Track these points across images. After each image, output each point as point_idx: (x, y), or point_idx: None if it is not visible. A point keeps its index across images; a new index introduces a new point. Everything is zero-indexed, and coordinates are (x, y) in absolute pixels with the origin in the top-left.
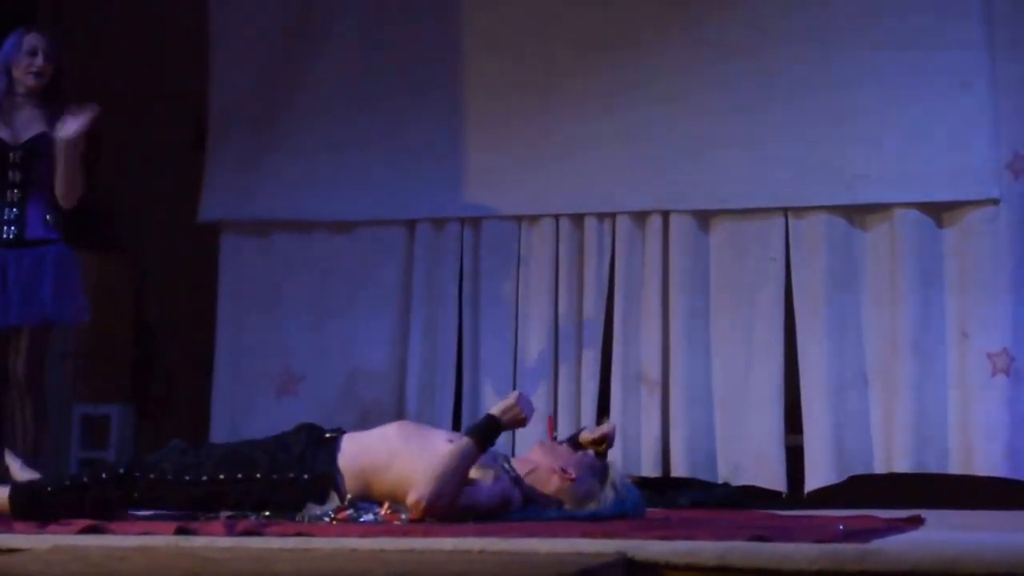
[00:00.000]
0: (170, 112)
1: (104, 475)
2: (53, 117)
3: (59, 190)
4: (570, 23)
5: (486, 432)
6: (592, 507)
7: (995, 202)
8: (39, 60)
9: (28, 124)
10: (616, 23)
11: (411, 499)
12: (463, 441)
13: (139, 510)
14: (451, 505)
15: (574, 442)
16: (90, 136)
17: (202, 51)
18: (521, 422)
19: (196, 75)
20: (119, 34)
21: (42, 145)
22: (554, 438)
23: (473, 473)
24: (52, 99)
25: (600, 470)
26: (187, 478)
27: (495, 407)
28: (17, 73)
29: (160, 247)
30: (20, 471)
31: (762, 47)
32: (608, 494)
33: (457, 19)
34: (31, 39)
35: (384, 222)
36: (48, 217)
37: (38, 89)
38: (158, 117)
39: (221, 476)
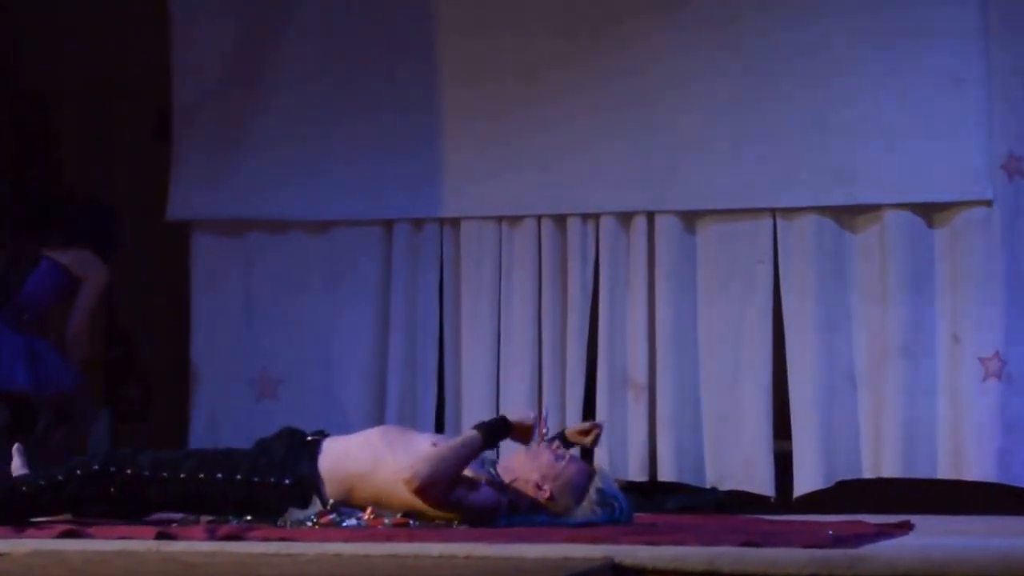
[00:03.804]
0: (131, 104)
1: (79, 471)
2: None
3: None
4: (550, 15)
5: (495, 431)
6: (567, 519)
7: (988, 203)
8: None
9: None
10: (599, 17)
11: (406, 475)
12: (469, 434)
13: (117, 506)
14: (443, 493)
15: (562, 439)
16: None
17: (162, 39)
18: (526, 440)
19: (157, 65)
20: (75, 23)
21: None
22: (544, 435)
23: (466, 473)
24: None
25: (580, 484)
26: (165, 474)
27: (512, 413)
28: (110, 256)
29: (130, 246)
30: (20, 469)
31: (750, 44)
32: (584, 509)
33: (430, 9)
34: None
35: (361, 222)
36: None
37: None
38: (119, 110)
39: (200, 475)
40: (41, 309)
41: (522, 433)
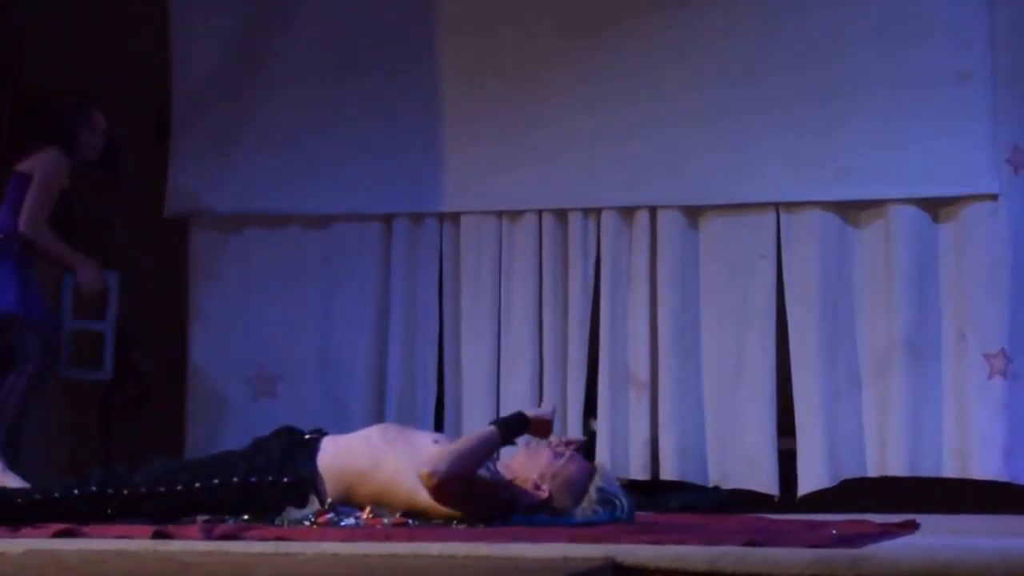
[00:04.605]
0: (131, 102)
1: (76, 491)
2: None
3: None
4: (552, 11)
5: (513, 427)
6: (568, 518)
7: (994, 197)
8: (98, 139)
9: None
10: (601, 13)
11: (425, 471)
12: (488, 429)
13: (113, 523)
14: (461, 490)
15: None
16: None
17: (162, 38)
18: (544, 433)
19: (156, 62)
20: (75, 23)
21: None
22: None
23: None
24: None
25: (580, 483)
26: (162, 490)
27: (530, 410)
28: (80, 144)
29: (127, 242)
30: (2, 474)
31: (754, 37)
32: (584, 509)
33: (431, 4)
34: (97, 119)
35: (360, 216)
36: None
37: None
38: (118, 108)
39: (197, 484)
40: (10, 227)
41: (540, 429)
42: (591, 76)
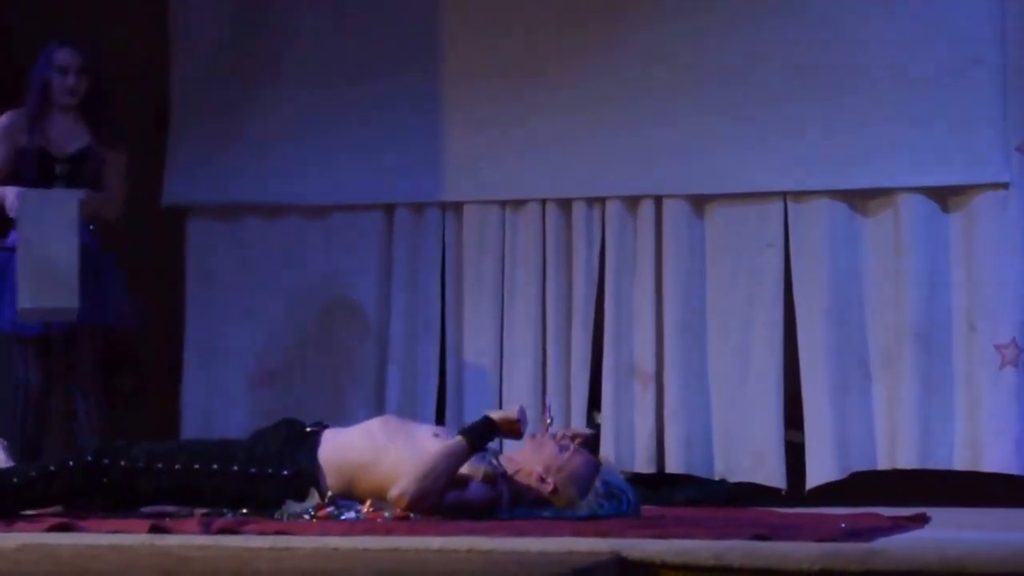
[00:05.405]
0: (129, 91)
1: (71, 463)
2: (96, 128)
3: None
4: (555, 1)
5: (480, 435)
6: (572, 512)
7: (1004, 186)
8: (70, 79)
9: (71, 136)
10: (605, 2)
11: (394, 493)
12: (455, 440)
13: (109, 498)
14: (435, 504)
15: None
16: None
17: (161, 27)
18: (516, 434)
19: (155, 51)
20: (73, 12)
21: (88, 158)
22: (548, 422)
23: (462, 469)
24: (94, 110)
25: (585, 476)
26: (159, 466)
27: (495, 412)
28: (54, 91)
29: (124, 232)
30: (3, 460)
31: (760, 24)
32: (589, 502)
33: None
34: (61, 56)
35: (361, 207)
36: (91, 227)
37: (75, 104)
38: (117, 100)
39: (196, 466)
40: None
41: (509, 429)
42: (595, 65)
